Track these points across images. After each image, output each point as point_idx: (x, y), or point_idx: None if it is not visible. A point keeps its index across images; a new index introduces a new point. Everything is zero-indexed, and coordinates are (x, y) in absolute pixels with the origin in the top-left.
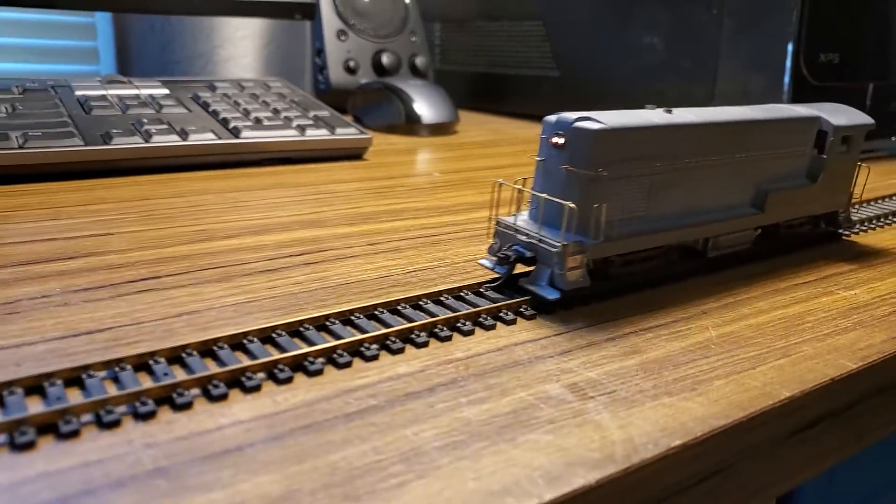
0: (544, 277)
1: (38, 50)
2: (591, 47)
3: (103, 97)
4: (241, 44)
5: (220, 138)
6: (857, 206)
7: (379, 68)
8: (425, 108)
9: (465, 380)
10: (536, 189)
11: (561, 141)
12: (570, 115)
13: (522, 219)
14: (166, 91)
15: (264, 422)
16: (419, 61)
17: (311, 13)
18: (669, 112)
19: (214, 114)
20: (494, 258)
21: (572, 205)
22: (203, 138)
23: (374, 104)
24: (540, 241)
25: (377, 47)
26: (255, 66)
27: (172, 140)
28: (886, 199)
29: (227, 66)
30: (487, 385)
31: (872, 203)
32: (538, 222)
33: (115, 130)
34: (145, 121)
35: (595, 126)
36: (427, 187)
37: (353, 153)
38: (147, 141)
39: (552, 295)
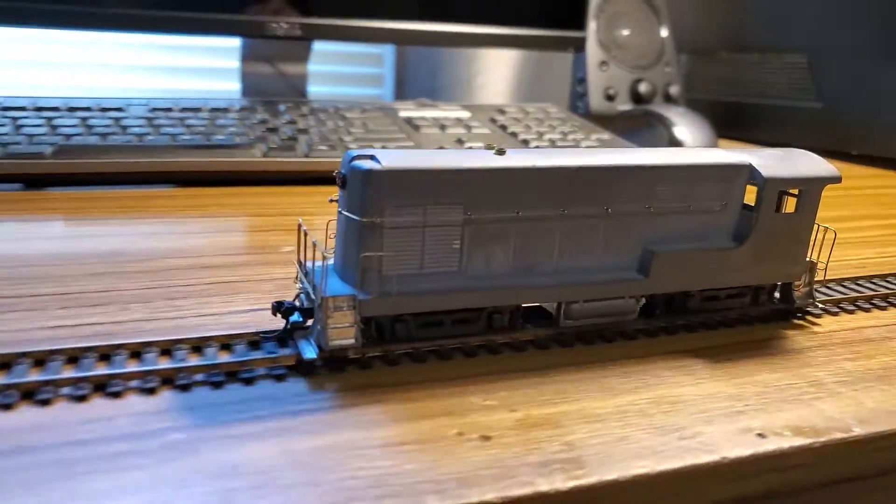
0: (315, 333)
1: (332, 76)
2: (860, 80)
3: (423, 118)
4: (496, 71)
5: None
6: (835, 282)
7: (636, 96)
8: (687, 133)
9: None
10: (338, 232)
11: (341, 180)
12: (357, 151)
13: (329, 263)
14: (468, 114)
15: None
16: (673, 90)
17: (582, 46)
18: (501, 153)
19: (513, 135)
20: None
21: (328, 256)
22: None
23: (634, 129)
24: (315, 291)
25: (635, 76)
26: (506, 92)
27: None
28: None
29: (483, 92)
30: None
31: (866, 281)
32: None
33: (447, 146)
34: (464, 139)
35: (370, 166)
36: None
37: None
38: None
39: (308, 354)
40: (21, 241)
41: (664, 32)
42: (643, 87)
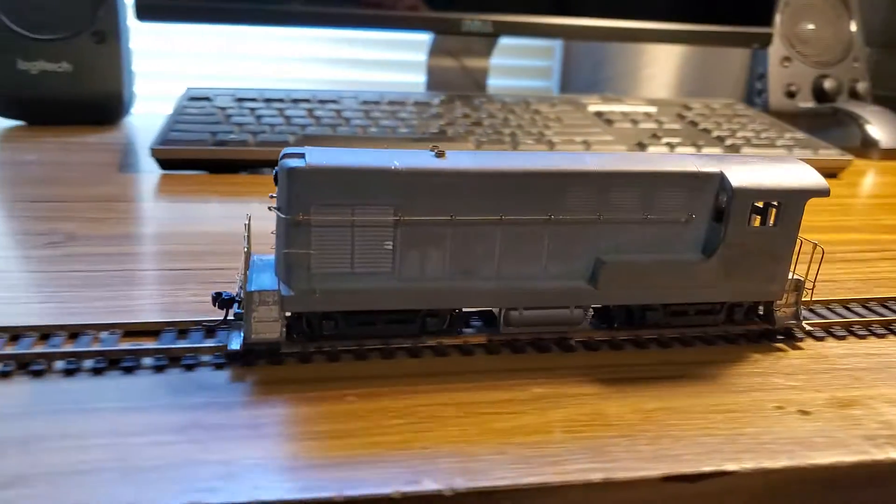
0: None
1: (504, 69)
2: None
3: (612, 112)
4: (664, 64)
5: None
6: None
7: (819, 93)
8: (882, 132)
9: None
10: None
11: (274, 177)
12: (290, 149)
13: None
14: (654, 108)
15: None
16: (860, 86)
17: (768, 42)
18: (441, 156)
19: (706, 131)
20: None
21: (245, 249)
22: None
23: (820, 127)
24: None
25: (818, 72)
26: (672, 85)
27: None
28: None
29: (649, 84)
30: None
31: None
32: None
33: (645, 141)
34: (659, 135)
35: (295, 164)
36: None
37: (831, 172)
38: (672, 150)
39: (232, 345)
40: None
41: (853, 26)
42: (828, 84)
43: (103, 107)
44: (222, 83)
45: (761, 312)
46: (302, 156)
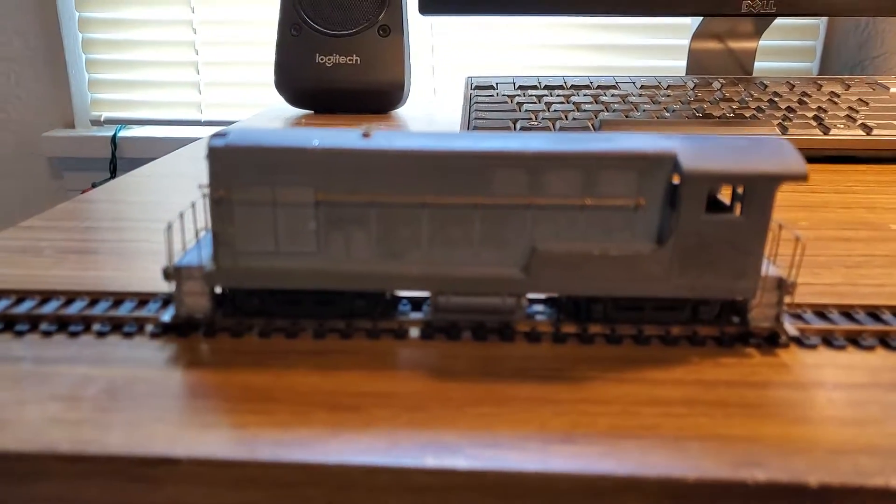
0: None
1: (763, 50)
2: None
3: None
4: None
5: None
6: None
7: None
8: None
9: None
10: None
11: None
12: (224, 128)
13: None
14: None
15: None
16: None
17: None
18: (367, 136)
19: None
20: None
21: (169, 223)
22: None
23: None
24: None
25: None
26: None
27: None
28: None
29: None
30: None
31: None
32: None
33: None
34: None
35: (215, 142)
36: None
37: None
38: None
39: (165, 316)
40: None
41: None
42: None
43: (385, 96)
44: (472, 72)
45: (739, 315)
46: (225, 134)
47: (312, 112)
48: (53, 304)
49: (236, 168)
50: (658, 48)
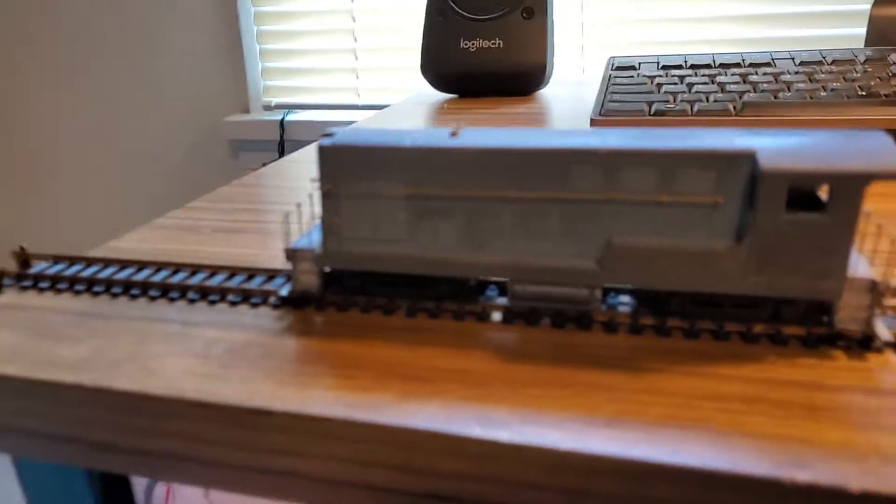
0: None
1: None
2: None
3: None
4: None
5: None
6: None
7: None
8: None
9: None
10: None
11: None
12: (332, 129)
13: None
14: None
15: None
16: None
17: None
18: (454, 135)
19: None
20: None
21: (287, 212)
22: None
23: None
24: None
25: None
26: None
27: None
28: None
29: None
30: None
31: None
32: None
33: None
34: None
35: (325, 141)
36: None
37: None
38: None
39: (283, 291)
40: None
41: None
42: None
43: (527, 78)
44: (626, 51)
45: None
46: (332, 135)
47: (457, 96)
48: (200, 276)
49: (341, 165)
50: (835, 15)
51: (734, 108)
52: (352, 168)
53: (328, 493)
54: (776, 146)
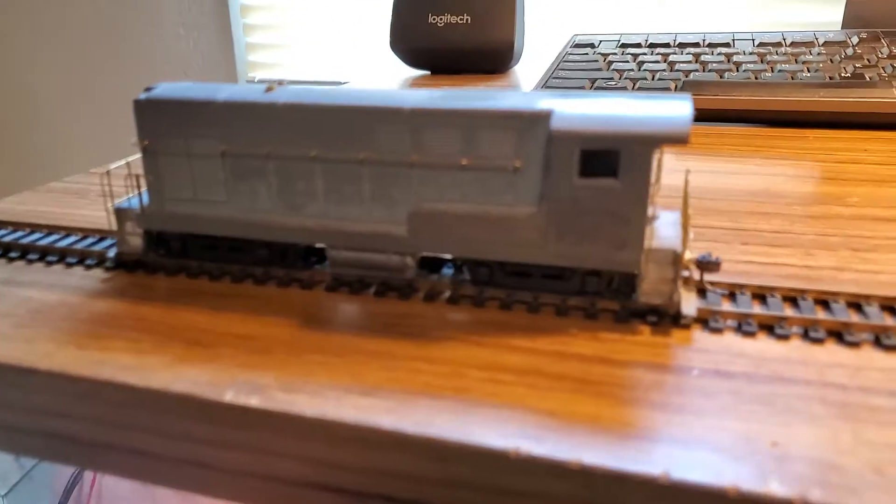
0: None
1: None
2: None
3: None
4: None
5: None
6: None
7: None
8: None
9: None
10: None
11: None
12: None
13: None
14: None
15: None
16: None
17: None
18: (269, 90)
19: None
20: None
21: (108, 169)
22: None
23: None
24: None
25: None
26: None
27: None
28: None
29: None
30: None
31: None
32: None
33: None
34: None
35: (141, 96)
36: None
37: None
38: None
39: (111, 252)
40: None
41: None
42: None
43: (496, 55)
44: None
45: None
46: (150, 90)
47: (429, 73)
48: (52, 238)
49: (158, 121)
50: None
51: (675, 86)
52: (168, 124)
53: (94, 453)
54: (573, 108)
